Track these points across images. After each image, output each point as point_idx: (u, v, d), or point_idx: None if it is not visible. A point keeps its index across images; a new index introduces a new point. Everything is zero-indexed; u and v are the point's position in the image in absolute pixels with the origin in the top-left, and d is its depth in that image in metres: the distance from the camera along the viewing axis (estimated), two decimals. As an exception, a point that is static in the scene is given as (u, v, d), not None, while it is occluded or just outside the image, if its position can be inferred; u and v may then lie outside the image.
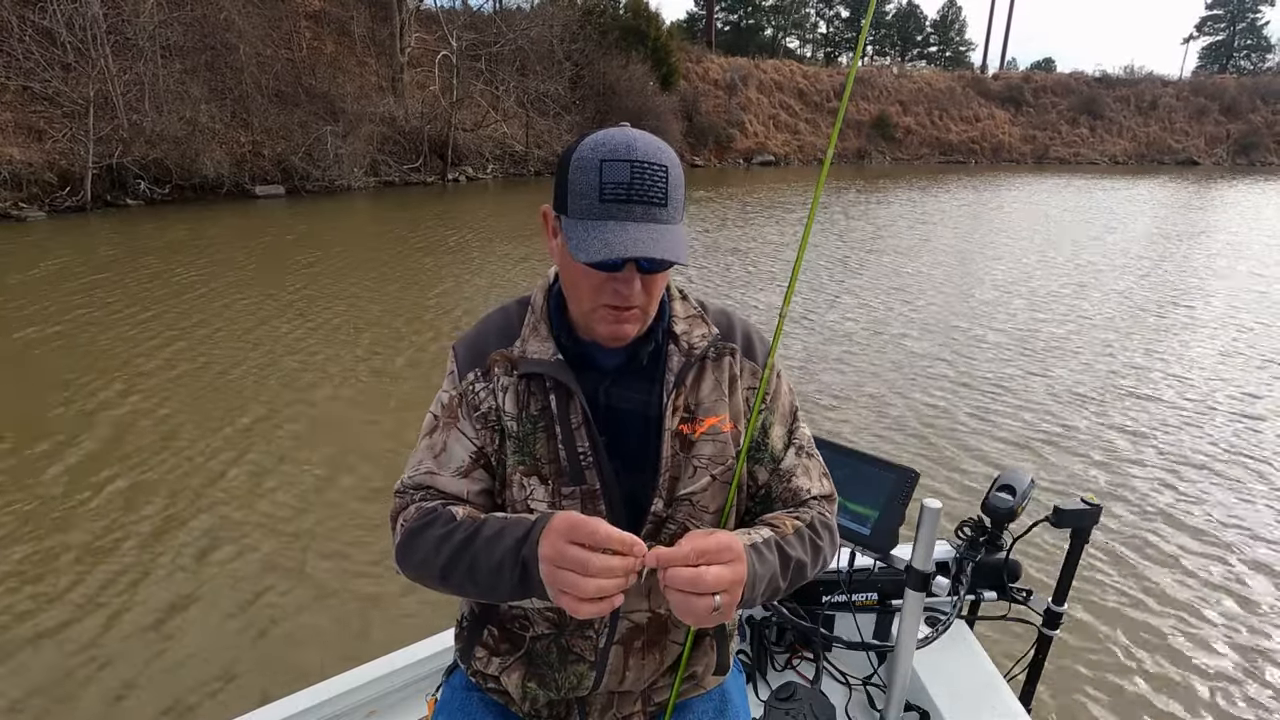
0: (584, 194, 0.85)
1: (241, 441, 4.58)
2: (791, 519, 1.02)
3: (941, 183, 25.63)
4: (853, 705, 1.67)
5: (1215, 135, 42.16)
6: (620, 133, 0.87)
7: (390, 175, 20.15)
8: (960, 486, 4.22)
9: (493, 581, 0.87)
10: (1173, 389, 5.95)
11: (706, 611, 0.79)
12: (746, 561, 0.85)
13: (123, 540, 3.48)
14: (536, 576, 0.82)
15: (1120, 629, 3.06)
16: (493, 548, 0.87)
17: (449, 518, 0.94)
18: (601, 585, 0.76)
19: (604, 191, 0.84)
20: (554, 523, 0.81)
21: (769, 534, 0.96)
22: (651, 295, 0.93)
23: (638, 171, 0.84)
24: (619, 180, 0.84)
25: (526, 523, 0.87)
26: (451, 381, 1.03)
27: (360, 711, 1.54)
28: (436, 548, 0.92)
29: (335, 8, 22.32)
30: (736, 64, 35.86)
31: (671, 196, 0.86)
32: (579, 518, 0.80)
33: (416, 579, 0.97)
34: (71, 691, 2.58)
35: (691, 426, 0.99)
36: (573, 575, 0.76)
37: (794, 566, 0.96)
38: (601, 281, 0.89)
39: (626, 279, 0.88)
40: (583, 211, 0.85)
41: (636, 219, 0.84)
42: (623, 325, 0.92)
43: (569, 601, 0.77)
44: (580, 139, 0.88)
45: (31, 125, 14.40)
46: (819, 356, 6.59)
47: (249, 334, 6.78)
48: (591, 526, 0.78)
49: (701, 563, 0.80)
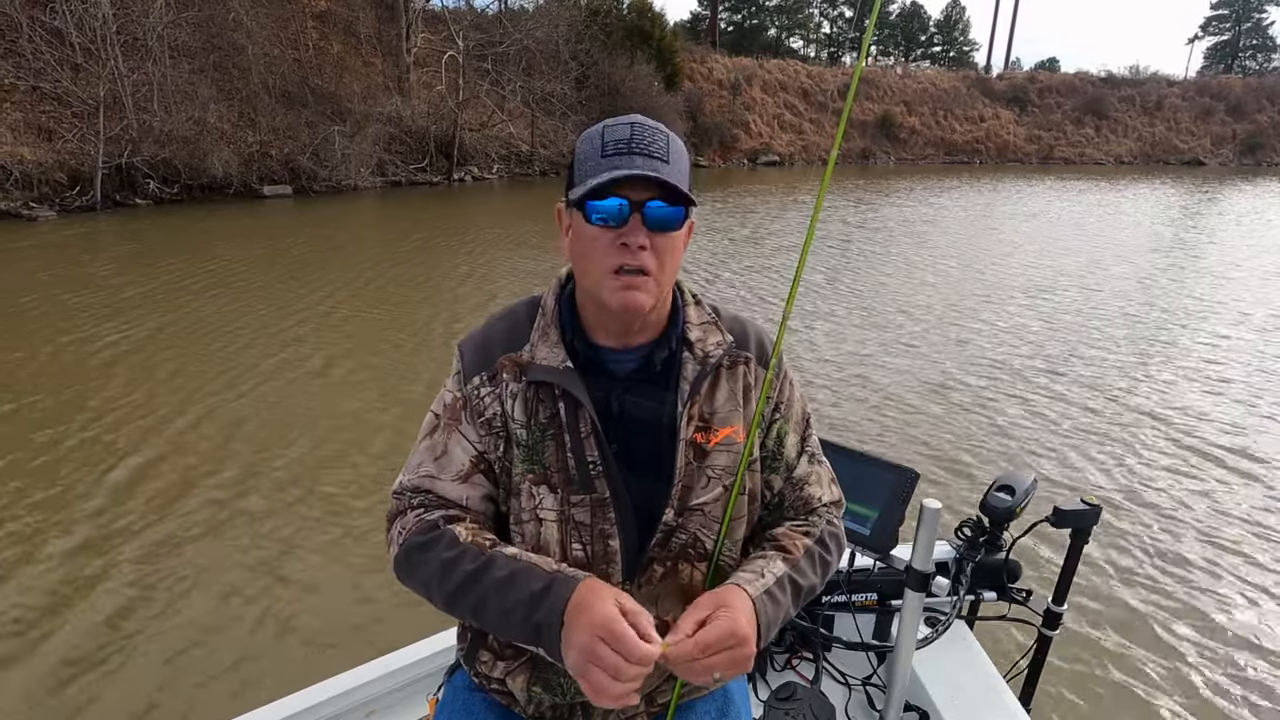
0: (588, 157, 0.90)
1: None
2: (801, 537, 1.02)
3: (946, 183, 25.55)
4: (852, 705, 1.66)
5: (1221, 135, 41.95)
6: (624, 116, 0.93)
7: (397, 175, 20.20)
8: (960, 486, 4.23)
9: (500, 626, 0.90)
10: (1174, 390, 5.95)
11: (708, 683, 0.86)
12: (758, 615, 0.89)
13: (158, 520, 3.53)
14: (552, 640, 0.84)
15: (1121, 629, 3.06)
16: (504, 594, 0.87)
17: (451, 540, 0.92)
18: (629, 689, 0.80)
19: (605, 148, 0.88)
20: (588, 616, 0.81)
21: (781, 570, 0.96)
22: (662, 261, 0.91)
23: (638, 130, 0.89)
24: (620, 137, 0.88)
25: (541, 576, 0.88)
26: (456, 382, 1.01)
27: (360, 711, 1.52)
28: (440, 575, 0.91)
29: (342, 8, 22.35)
30: (740, 64, 35.81)
31: (673, 157, 0.89)
32: (614, 619, 0.80)
33: (417, 593, 0.96)
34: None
35: (706, 436, 0.98)
36: (604, 677, 0.79)
37: (805, 593, 0.98)
38: (609, 241, 0.89)
39: (633, 230, 0.88)
40: (587, 171, 0.89)
41: (638, 168, 0.86)
42: (633, 293, 0.89)
43: (593, 694, 0.80)
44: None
45: (42, 125, 14.48)
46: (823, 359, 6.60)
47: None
48: (627, 643, 0.79)
49: (706, 655, 0.83)
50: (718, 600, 0.88)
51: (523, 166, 23.91)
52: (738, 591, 0.90)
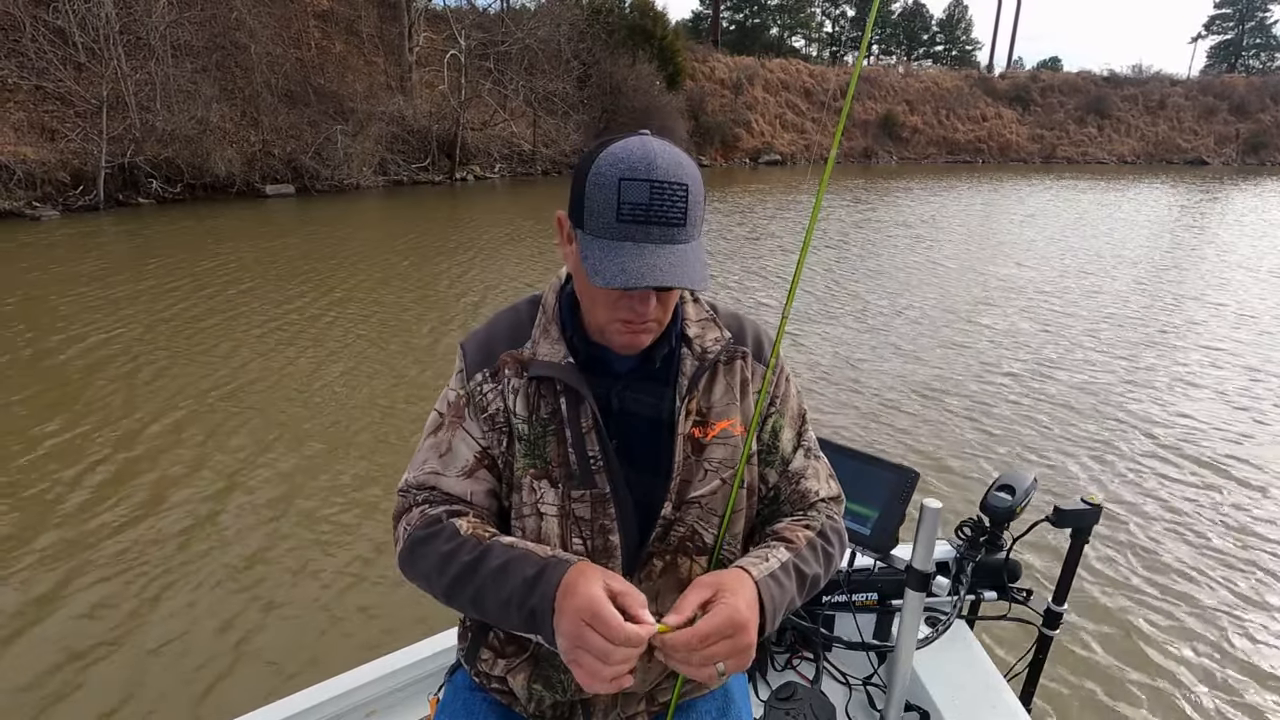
0: (601, 212, 0.83)
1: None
2: (803, 529, 1.02)
3: (949, 183, 25.52)
4: (853, 705, 1.66)
5: (1225, 135, 41.83)
6: (640, 146, 0.83)
7: (399, 174, 20.21)
8: (961, 486, 4.23)
9: (499, 616, 0.89)
10: (1174, 390, 5.94)
11: (711, 679, 0.82)
12: (762, 599, 0.88)
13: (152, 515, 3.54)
14: (546, 625, 0.84)
15: (1121, 629, 3.06)
16: (500, 583, 0.87)
17: (452, 532, 0.93)
18: (618, 671, 0.78)
19: (621, 212, 0.82)
20: (573, 599, 0.81)
21: (785, 555, 0.96)
22: (667, 308, 0.93)
23: (657, 192, 0.82)
24: (637, 201, 0.82)
25: (535, 562, 0.87)
26: (459, 380, 1.02)
27: (360, 711, 1.52)
28: (440, 567, 0.92)
29: (344, 7, 22.38)
30: (743, 63, 35.78)
31: (690, 215, 0.84)
32: (598, 601, 0.79)
33: (420, 587, 0.97)
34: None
35: (704, 430, 0.99)
36: (593, 661, 0.78)
37: (810, 582, 0.98)
38: (617, 299, 0.89)
39: (643, 298, 0.88)
40: (599, 230, 0.84)
41: (654, 240, 0.83)
42: (638, 337, 0.92)
43: (584, 678, 0.79)
44: (599, 148, 0.86)
45: (45, 125, 14.51)
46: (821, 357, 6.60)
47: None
48: (610, 625, 0.78)
49: (706, 645, 0.81)
50: (719, 582, 0.87)
51: (525, 166, 23.92)
52: (740, 574, 0.90)
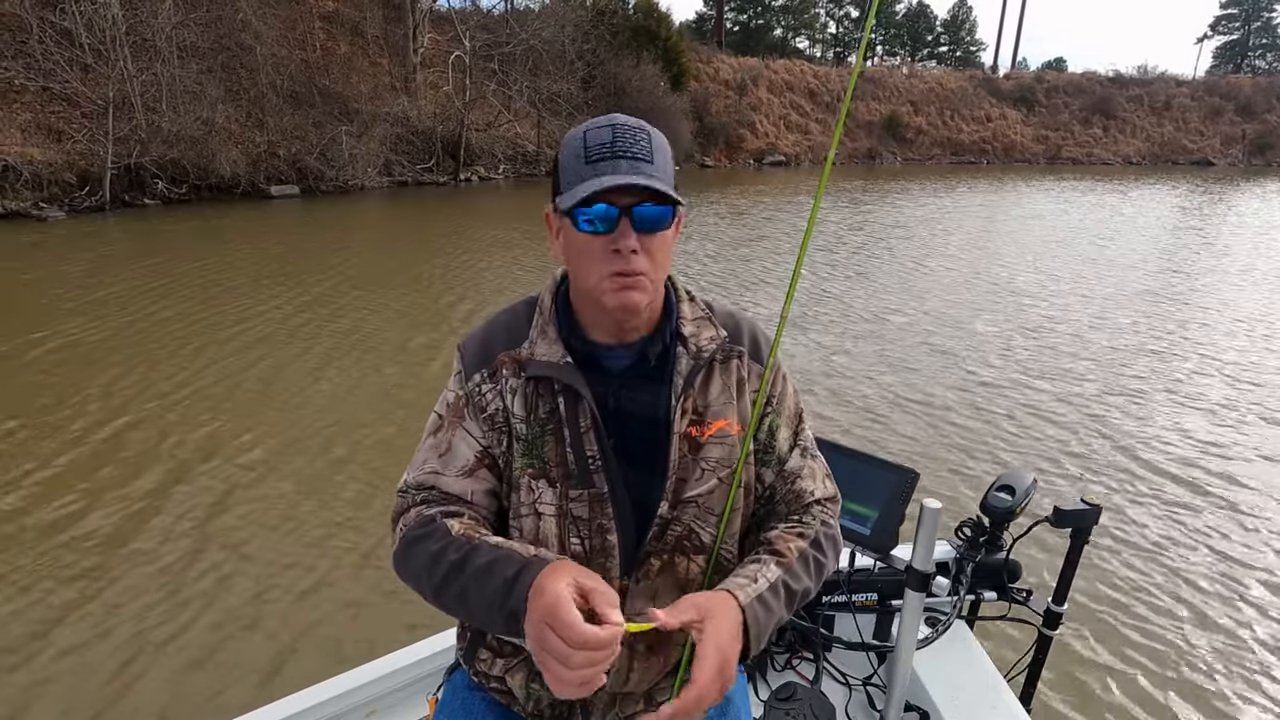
0: (572, 166, 0.90)
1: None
2: (796, 538, 1.01)
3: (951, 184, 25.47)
4: (853, 705, 1.66)
5: (1231, 135, 41.66)
6: (605, 115, 0.93)
7: (404, 175, 20.27)
8: (961, 486, 4.23)
9: (485, 618, 0.87)
10: (1175, 391, 5.92)
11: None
12: (747, 625, 0.88)
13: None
14: (521, 627, 0.81)
15: (1121, 628, 3.06)
16: (483, 584, 0.86)
17: (443, 532, 0.92)
18: (583, 674, 0.75)
19: (589, 153, 0.88)
20: (539, 599, 0.78)
21: (774, 574, 0.95)
22: (655, 260, 0.92)
23: (620, 132, 0.89)
24: (602, 141, 0.89)
25: (516, 562, 0.86)
26: (458, 381, 1.02)
27: (360, 711, 1.52)
28: (429, 566, 0.91)
29: (349, 9, 22.44)
30: (747, 64, 35.77)
31: (657, 157, 0.90)
32: (558, 601, 0.76)
33: (412, 587, 0.96)
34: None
35: (700, 429, 0.99)
36: (555, 664, 0.75)
37: (799, 597, 0.98)
38: (602, 247, 0.90)
39: (623, 234, 0.89)
40: (571, 176, 0.90)
41: (623, 172, 0.87)
42: (629, 293, 0.91)
43: (551, 682, 0.76)
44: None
45: (51, 126, 14.58)
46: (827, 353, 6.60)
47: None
48: (568, 626, 0.74)
49: (704, 705, 0.81)
50: (706, 607, 0.86)
51: (529, 166, 23.96)
52: (727, 600, 0.89)
